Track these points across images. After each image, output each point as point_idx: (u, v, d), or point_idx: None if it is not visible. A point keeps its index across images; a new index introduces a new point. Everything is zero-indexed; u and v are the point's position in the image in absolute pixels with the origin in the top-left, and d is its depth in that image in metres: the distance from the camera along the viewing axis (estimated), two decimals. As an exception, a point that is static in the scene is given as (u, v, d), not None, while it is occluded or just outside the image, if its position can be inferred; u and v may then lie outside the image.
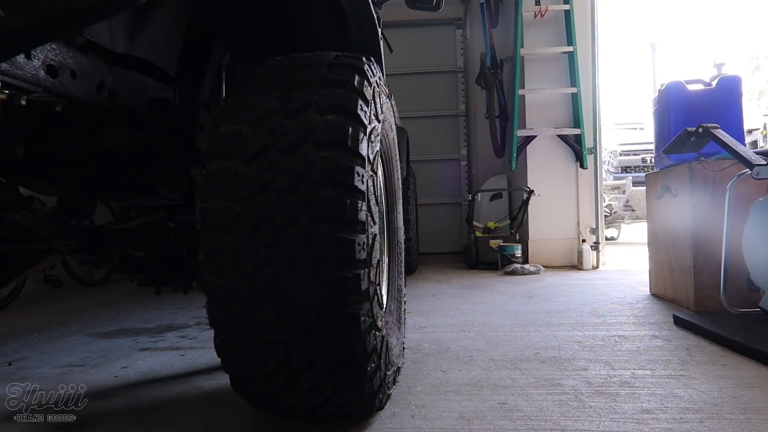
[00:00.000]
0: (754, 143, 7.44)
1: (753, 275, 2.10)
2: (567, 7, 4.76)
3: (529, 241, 4.83)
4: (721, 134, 2.23)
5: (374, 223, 1.10)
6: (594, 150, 4.78)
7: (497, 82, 5.51)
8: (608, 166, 7.52)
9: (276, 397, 1.13)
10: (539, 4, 4.85)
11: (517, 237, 4.81)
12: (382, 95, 1.29)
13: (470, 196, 5.49)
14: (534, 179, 4.87)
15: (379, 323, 1.13)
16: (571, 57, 4.75)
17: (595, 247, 4.59)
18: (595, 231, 4.71)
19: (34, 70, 0.94)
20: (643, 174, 5.42)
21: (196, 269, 1.41)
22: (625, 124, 9.23)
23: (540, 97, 4.90)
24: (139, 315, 2.92)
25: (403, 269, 1.88)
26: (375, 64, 1.27)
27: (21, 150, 1.15)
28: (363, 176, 1.04)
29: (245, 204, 1.01)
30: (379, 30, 1.76)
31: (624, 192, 7.39)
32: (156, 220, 1.78)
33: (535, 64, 4.94)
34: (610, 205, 7.41)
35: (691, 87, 2.83)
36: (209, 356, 1.94)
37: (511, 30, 5.09)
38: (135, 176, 1.61)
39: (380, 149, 1.34)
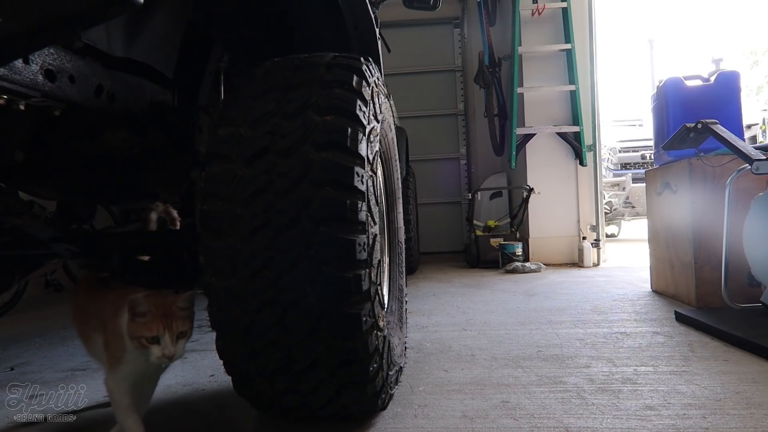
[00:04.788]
0: (753, 138, 7.43)
1: (754, 270, 2.10)
2: (564, 4, 4.76)
3: (530, 239, 4.83)
4: (720, 130, 2.23)
5: (374, 223, 1.10)
6: (593, 147, 4.78)
7: (496, 81, 5.51)
8: (608, 163, 7.51)
9: (278, 399, 1.13)
10: (536, 2, 4.85)
11: (518, 235, 4.82)
12: (381, 95, 1.29)
13: (470, 195, 5.49)
14: (534, 177, 4.87)
15: (381, 323, 1.13)
16: (569, 54, 4.75)
17: (596, 244, 4.59)
18: (595, 228, 4.71)
19: (32, 75, 0.94)
20: (643, 170, 5.40)
21: (197, 272, 1.41)
22: (624, 121, 9.21)
23: (538, 95, 4.90)
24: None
25: (404, 269, 1.88)
26: (373, 64, 1.27)
27: (20, 155, 1.15)
28: (362, 176, 1.04)
29: (245, 206, 1.01)
30: (377, 30, 1.76)
31: (624, 189, 7.38)
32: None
33: (533, 62, 4.94)
34: (610, 202, 7.40)
35: (690, 83, 2.83)
36: (211, 358, 1.93)
37: (508, 28, 5.09)
38: (134, 179, 1.61)
39: (379, 149, 1.34)
